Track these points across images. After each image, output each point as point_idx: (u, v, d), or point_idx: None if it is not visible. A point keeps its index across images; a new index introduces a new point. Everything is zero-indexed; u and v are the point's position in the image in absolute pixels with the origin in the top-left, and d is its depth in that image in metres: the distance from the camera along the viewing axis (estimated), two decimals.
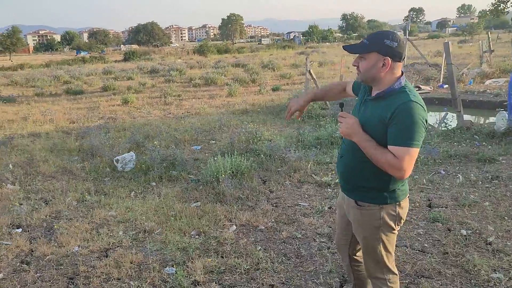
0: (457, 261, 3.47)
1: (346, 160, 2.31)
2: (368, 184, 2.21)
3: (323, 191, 5.24)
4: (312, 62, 22.87)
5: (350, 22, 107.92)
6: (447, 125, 7.64)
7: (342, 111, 2.21)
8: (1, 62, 43.84)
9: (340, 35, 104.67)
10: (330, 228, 4.21)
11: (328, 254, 3.71)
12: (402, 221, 2.30)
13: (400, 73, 2.13)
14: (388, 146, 2.03)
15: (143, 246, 4.03)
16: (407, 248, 3.74)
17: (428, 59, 20.17)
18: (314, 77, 10.27)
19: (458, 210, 4.46)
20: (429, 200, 4.77)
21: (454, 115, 8.29)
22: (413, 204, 4.67)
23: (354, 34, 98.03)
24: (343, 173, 2.35)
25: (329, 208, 4.70)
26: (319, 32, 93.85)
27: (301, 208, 4.75)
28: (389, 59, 2.05)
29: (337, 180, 5.44)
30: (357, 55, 2.16)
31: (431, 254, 3.61)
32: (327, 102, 10.22)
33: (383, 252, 2.32)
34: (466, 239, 3.82)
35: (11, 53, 67.55)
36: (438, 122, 8.98)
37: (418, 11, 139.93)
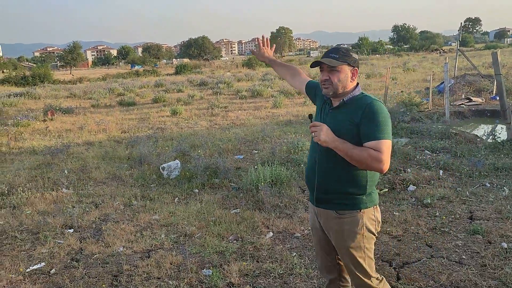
0: (495, 273, 3.39)
1: (323, 169, 2.30)
2: (348, 189, 2.24)
3: None
4: (360, 74, 22.70)
5: (401, 34, 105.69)
6: (496, 137, 7.38)
7: (311, 121, 2.24)
8: (62, 76, 46.50)
9: (391, 46, 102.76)
10: None
11: None
12: (380, 225, 2.37)
13: (356, 81, 2.32)
14: (365, 144, 2.12)
15: (183, 249, 4.21)
16: (444, 259, 3.69)
17: (481, 70, 19.48)
18: None
19: (500, 223, 4.34)
20: (470, 213, 4.66)
21: (504, 127, 8.00)
22: (453, 216, 4.58)
23: (405, 46, 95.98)
24: (320, 183, 2.32)
25: None
26: (369, 44, 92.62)
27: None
28: (357, 69, 2.27)
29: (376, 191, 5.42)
30: (324, 71, 2.26)
31: (468, 266, 3.54)
32: None
33: (368, 260, 2.34)
34: (506, 252, 3.71)
35: (71, 68, 71.40)
36: (486, 134, 8.68)
37: (475, 21, 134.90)
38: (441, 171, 6.02)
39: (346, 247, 2.30)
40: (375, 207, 2.32)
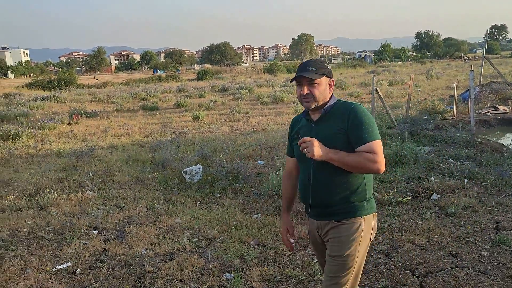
0: None
1: (320, 184, 2.24)
2: (349, 197, 2.21)
3: (384, 209, 5.19)
4: (382, 81, 22.50)
5: (425, 41, 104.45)
6: None
7: (299, 138, 2.17)
8: (87, 80, 47.43)
9: (414, 54, 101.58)
10: (388, 245, 4.19)
11: (384, 270, 3.70)
12: (375, 233, 2.35)
13: None
14: (358, 148, 2.12)
15: (205, 252, 4.25)
16: (468, 269, 3.63)
17: (508, 78, 19.11)
18: (381, 95, 10.16)
19: None
20: (496, 223, 4.57)
21: None
22: (478, 226, 4.51)
23: (429, 53, 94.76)
24: (318, 199, 2.26)
25: (389, 225, 4.66)
26: (391, 51, 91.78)
27: None
28: (333, 80, 2.30)
29: (399, 199, 5.37)
30: (303, 85, 2.22)
31: (494, 276, 3.48)
32: (394, 120, 10.05)
33: (360, 268, 2.29)
34: None
35: (95, 72, 72.78)
36: None
37: (501, 28, 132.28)
38: (465, 180, 5.92)
39: (340, 254, 2.21)
40: (374, 213, 2.30)
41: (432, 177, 6.09)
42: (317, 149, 2.06)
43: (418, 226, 4.59)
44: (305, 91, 2.21)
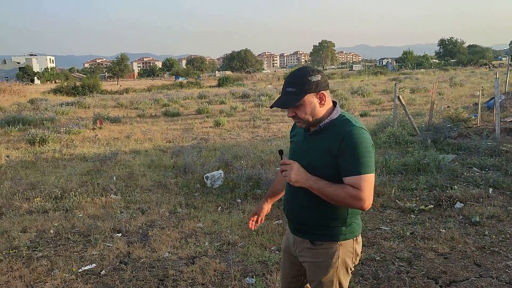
0: None
1: (299, 202, 2.12)
2: (327, 221, 2.07)
3: (406, 216, 5.15)
4: (404, 89, 22.29)
5: (448, 48, 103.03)
6: None
7: (282, 158, 2.05)
8: (110, 86, 48.31)
9: (437, 61, 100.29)
10: (410, 253, 4.15)
11: (406, 278, 3.68)
12: (358, 258, 2.19)
13: (331, 101, 2.08)
14: (344, 179, 1.94)
15: (226, 257, 4.29)
16: (493, 279, 3.57)
17: None
18: (403, 103, 10.08)
19: None
20: None
21: None
22: (503, 236, 4.43)
23: (452, 60, 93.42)
24: (297, 216, 2.15)
25: (411, 233, 4.62)
26: (413, 58, 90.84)
27: (382, 232, 4.73)
28: (323, 92, 2.00)
29: (421, 207, 5.32)
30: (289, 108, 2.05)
31: None
32: (416, 128, 9.95)
33: None
34: None
35: (118, 79, 74.01)
36: None
37: None
38: (490, 189, 5.83)
39: (318, 281, 2.13)
40: (355, 239, 2.12)
41: (455, 186, 6.02)
42: (295, 175, 1.94)
43: (441, 234, 4.54)
44: (290, 114, 2.04)
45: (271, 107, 2.11)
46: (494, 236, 4.42)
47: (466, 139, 9.06)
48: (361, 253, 2.23)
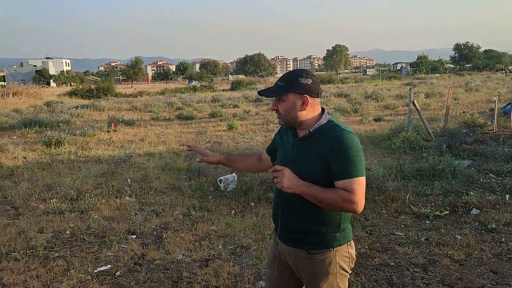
0: None
1: (290, 208, 2.10)
2: (321, 228, 2.05)
3: (421, 222, 5.11)
4: (418, 93, 22.11)
5: (464, 53, 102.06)
6: None
7: (273, 165, 2.07)
8: (124, 89, 48.78)
9: (452, 66, 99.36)
10: (425, 259, 4.12)
11: (421, 285, 3.65)
12: (354, 262, 2.18)
13: (320, 108, 2.11)
14: (336, 182, 1.95)
15: (240, 260, 4.30)
16: (510, 286, 3.53)
17: None
18: (418, 108, 10.00)
19: None
20: None
21: None
22: None
23: (468, 65, 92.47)
24: (287, 222, 2.12)
25: (426, 239, 4.59)
26: (428, 63, 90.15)
27: (396, 238, 4.70)
28: (307, 96, 2.02)
29: (436, 212, 5.28)
30: (274, 100, 2.10)
31: None
32: (431, 133, 9.86)
33: None
34: None
35: (132, 82, 74.73)
36: None
37: None
38: (507, 196, 5.75)
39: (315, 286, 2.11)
40: (349, 243, 2.12)
41: (471, 192, 5.95)
42: (288, 181, 1.90)
43: (457, 241, 4.50)
44: (273, 106, 2.10)
45: (258, 93, 2.14)
46: (511, 243, 4.36)
47: (482, 145, 8.96)
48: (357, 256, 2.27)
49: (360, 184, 1.93)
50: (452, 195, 5.90)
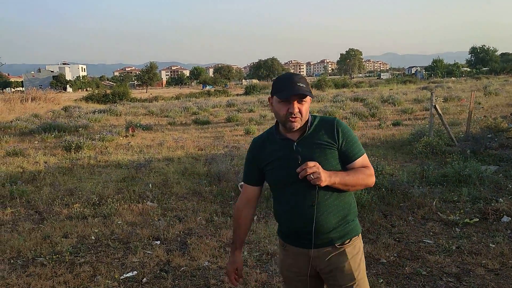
0: None
1: (325, 209, 2.05)
2: (347, 217, 2.11)
3: (450, 230, 4.98)
4: (437, 98, 21.83)
5: (480, 56, 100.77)
6: None
7: (300, 162, 1.98)
8: (139, 94, 49.18)
9: (468, 69, 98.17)
10: (458, 268, 4.00)
11: None
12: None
13: None
14: (354, 163, 2.09)
15: (266, 267, 4.24)
16: None
17: None
18: (440, 112, 9.84)
19: None
20: None
21: None
22: None
23: (484, 68, 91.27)
24: (323, 225, 2.05)
25: (458, 248, 4.46)
26: (443, 66, 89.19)
27: (425, 245, 4.58)
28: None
29: (466, 220, 5.14)
30: (294, 103, 2.03)
31: None
32: (454, 138, 9.69)
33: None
34: None
35: (147, 87, 75.34)
36: None
37: None
38: None
39: (353, 282, 2.08)
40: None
41: (500, 199, 5.80)
42: (324, 174, 1.93)
43: (490, 249, 4.36)
44: (296, 109, 2.02)
45: (296, 92, 1.99)
46: None
47: (508, 150, 8.77)
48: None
49: (367, 158, 2.15)
50: (480, 202, 5.75)
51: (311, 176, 1.91)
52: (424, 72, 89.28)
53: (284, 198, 2.13)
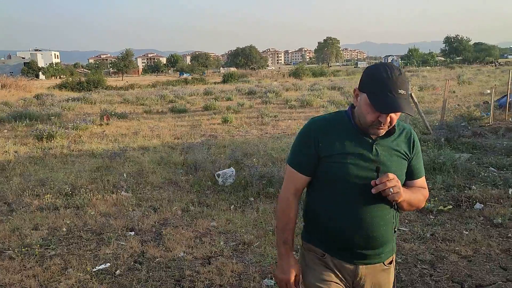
0: None
1: (376, 221, 1.78)
2: (393, 233, 1.86)
3: (425, 217, 5.04)
4: (412, 86, 22.10)
5: (454, 45, 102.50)
6: None
7: (378, 175, 1.70)
8: (115, 82, 48.23)
9: (442, 58, 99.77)
10: (432, 256, 4.05)
11: (430, 282, 3.58)
12: None
13: None
14: (416, 181, 1.88)
15: (242, 257, 4.20)
16: None
17: None
18: (416, 101, 9.93)
19: None
20: None
21: None
22: None
23: (458, 58, 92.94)
24: (378, 234, 1.79)
25: (432, 235, 4.52)
26: (419, 55, 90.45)
27: (401, 233, 4.62)
28: None
29: (440, 207, 5.20)
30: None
31: None
32: (429, 126, 9.80)
33: None
34: None
35: (123, 74, 73.97)
36: None
37: None
38: (510, 190, 5.70)
39: None
40: None
41: (473, 186, 5.90)
42: (403, 190, 1.70)
43: (463, 236, 4.43)
44: (388, 120, 1.70)
45: (399, 110, 1.63)
46: None
47: (481, 138, 8.93)
48: None
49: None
50: (454, 189, 5.83)
51: (391, 190, 1.65)
52: (400, 61, 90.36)
53: (341, 202, 1.79)
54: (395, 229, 1.85)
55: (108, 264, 4.09)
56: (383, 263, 1.88)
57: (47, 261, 4.17)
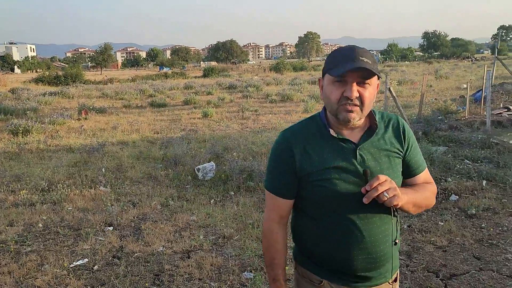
0: None
1: (377, 235, 1.52)
2: (396, 245, 1.60)
3: None
4: (391, 81, 22.36)
5: (432, 41, 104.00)
6: None
7: (368, 179, 1.43)
8: (93, 76, 47.46)
9: (421, 53, 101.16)
10: (409, 246, 4.13)
11: (407, 272, 3.64)
12: None
13: None
14: (418, 177, 1.61)
15: (222, 251, 4.20)
16: (494, 272, 3.56)
17: None
18: (394, 95, 10.05)
19: None
20: None
21: None
22: (500, 228, 4.44)
23: (436, 53, 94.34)
24: (380, 253, 1.53)
25: (409, 226, 4.60)
26: (398, 50, 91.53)
27: None
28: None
29: None
30: (351, 84, 1.44)
31: None
32: (407, 120, 9.95)
33: None
34: None
35: (102, 68, 72.81)
36: None
37: (508, 29, 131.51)
38: (484, 182, 5.83)
39: None
40: None
41: (449, 178, 6.01)
42: (398, 191, 1.41)
43: (439, 227, 4.52)
44: (355, 92, 1.43)
45: (358, 68, 1.40)
46: (491, 229, 4.41)
47: (457, 131, 9.10)
48: None
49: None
50: None
51: (385, 194, 1.38)
52: (379, 56, 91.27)
53: (332, 223, 1.53)
54: (396, 241, 1.57)
55: (86, 260, 4.05)
56: (388, 282, 1.64)
57: (22, 257, 4.09)
